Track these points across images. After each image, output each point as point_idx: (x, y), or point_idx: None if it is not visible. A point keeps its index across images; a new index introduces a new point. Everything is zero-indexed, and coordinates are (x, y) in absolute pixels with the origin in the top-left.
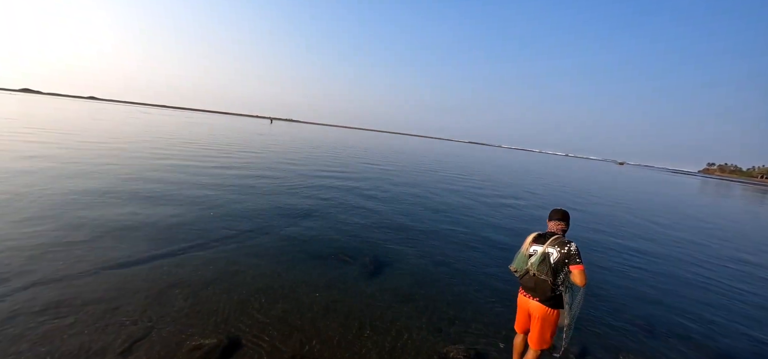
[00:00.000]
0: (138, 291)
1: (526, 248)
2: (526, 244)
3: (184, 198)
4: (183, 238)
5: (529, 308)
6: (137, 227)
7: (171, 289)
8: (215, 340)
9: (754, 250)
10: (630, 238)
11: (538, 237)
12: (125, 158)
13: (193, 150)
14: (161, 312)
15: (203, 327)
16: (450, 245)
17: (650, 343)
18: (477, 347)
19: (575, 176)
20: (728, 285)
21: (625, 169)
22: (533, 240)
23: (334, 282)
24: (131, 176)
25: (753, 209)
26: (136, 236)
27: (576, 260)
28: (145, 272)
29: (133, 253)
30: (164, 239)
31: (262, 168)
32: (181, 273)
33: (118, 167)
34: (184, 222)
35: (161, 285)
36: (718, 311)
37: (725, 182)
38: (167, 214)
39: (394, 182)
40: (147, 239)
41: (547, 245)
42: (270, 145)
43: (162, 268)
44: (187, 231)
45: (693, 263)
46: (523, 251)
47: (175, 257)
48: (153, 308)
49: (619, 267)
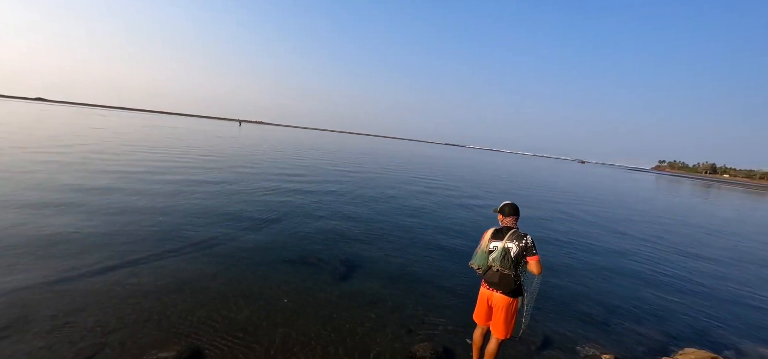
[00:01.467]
0: (89, 305)
1: (485, 244)
2: (485, 241)
3: (134, 206)
4: (137, 247)
5: (492, 300)
6: (84, 238)
7: (125, 301)
8: (174, 352)
9: (697, 244)
10: (591, 236)
11: (496, 233)
12: (72, 164)
13: (141, 155)
14: (116, 326)
15: (162, 339)
16: (419, 245)
17: (607, 328)
18: (445, 344)
19: (546, 175)
20: (675, 274)
21: (586, 167)
22: (492, 236)
23: (303, 286)
24: (81, 184)
25: (710, 209)
26: (82, 247)
27: (533, 251)
28: (97, 284)
29: (81, 265)
30: (117, 249)
31: (225, 172)
32: (137, 283)
33: (65, 173)
34: (137, 231)
35: (115, 297)
36: (666, 298)
37: (676, 178)
38: (119, 223)
39: (363, 185)
40: (96, 249)
41: (506, 240)
42: (234, 148)
43: (115, 279)
44: (142, 240)
45: (645, 257)
46: (482, 248)
47: (129, 268)
48: (106, 322)
49: (577, 262)
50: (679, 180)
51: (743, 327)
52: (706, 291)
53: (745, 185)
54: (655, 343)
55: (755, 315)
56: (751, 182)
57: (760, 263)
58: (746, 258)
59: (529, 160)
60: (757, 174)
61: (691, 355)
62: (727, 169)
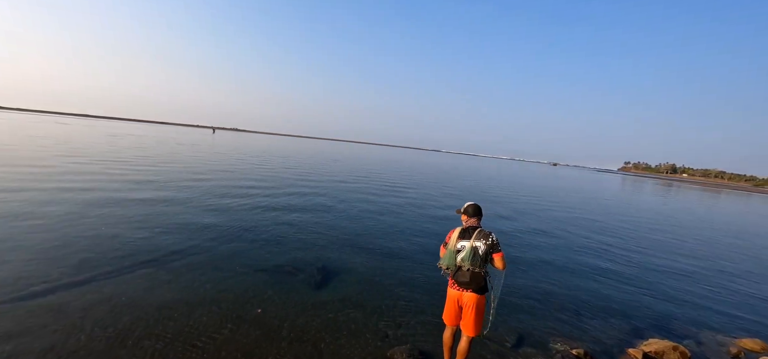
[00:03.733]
0: (44, 326)
1: (453, 244)
2: (453, 241)
3: (94, 217)
4: (97, 262)
5: (463, 300)
6: (39, 252)
7: (83, 321)
8: None
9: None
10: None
11: (463, 233)
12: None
13: (101, 164)
14: (71, 347)
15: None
16: (396, 250)
17: (576, 323)
18: (421, 347)
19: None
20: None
21: (558, 169)
22: (459, 236)
23: (279, 295)
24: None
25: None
26: (35, 263)
27: (498, 248)
28: (50, 303)
29: (30, 284)
30: (73, 264)
31: (194, 181)
32: (97, 301)
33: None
34: (97, 244)
35: (66, 316)
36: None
37: (640, 179)
38: (75, 235)
39: (338, 190)
40: (50, 265)
41: (473, 239)
42: (202, 157)
43: (72, 298)
44: (103, 254)
45: (608, 252)
46: (450, 248)
47: (87, 285)
48: (61, 345)
49: (545, 260)
50: (643, 180)
51: (700, 317)
52: (666, 284)
53: (701, 184)
54: (622, 335)
55: (711, 306)
56: (706, 180)
57: (716, 257)
58: (704, 254)
59: (506, 163)
60: (712, 173)
61: (654, 345)
62: (686, 169)
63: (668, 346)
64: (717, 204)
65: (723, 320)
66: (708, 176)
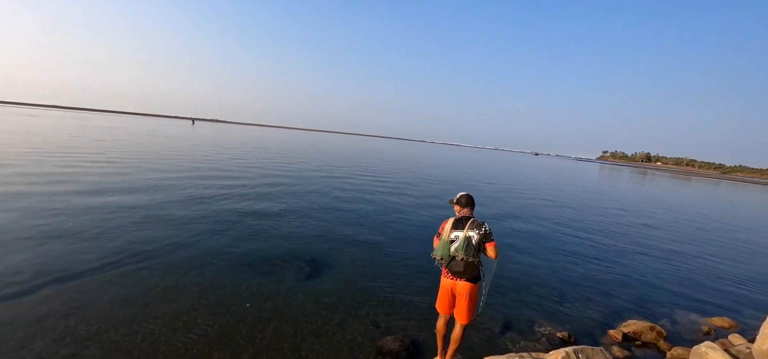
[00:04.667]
0: (26, 325)
1: (446, 235)
2: (446, 231)
3: (73, 210)
4: (82, 259)
5: (456, 289)
6: (15, 250)
7: (68, 319)
8: None
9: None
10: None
11: (456, 223)
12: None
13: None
14: (54, 349)
15: (117, 356)
16: (384, 240)
17: (560, 308)
18: (412, 336)
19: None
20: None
21: (540, 159)
22: (452, 227)
23: (267, 289)
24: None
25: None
26: (15, 261)
27: (491, 238)
28: (34, 302)
29: (13, 282)
30: (56, 262)
31: (170, 174)
32: (81, 299)
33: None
34: (81, 240)
35: (49, 317)
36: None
37: (617, 167)
38: (60, 231)
39: (324, 182)
40: (31, 262)
41: (467, 229)
42: (173, 151)
43: (57, 295)
44: (85, 250)
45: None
46: (444, 239)
47: (71, 282)
48: (42, 346)
49: (529, 248)
50: (620, 169)
51: (675, 298)
52: (641, 268)
53: (673, 172)
54: (603, 317)
55: (682, 288)
56: (677, 168)
57: (684, 240)
58: (676, 238)
59: (489, 153)
60: (683, 161)
61: (633, 326)
62: (660, 157)
63: (646, 326)
64: (686, 191)
65: (694, 301)
66: (680, 165)
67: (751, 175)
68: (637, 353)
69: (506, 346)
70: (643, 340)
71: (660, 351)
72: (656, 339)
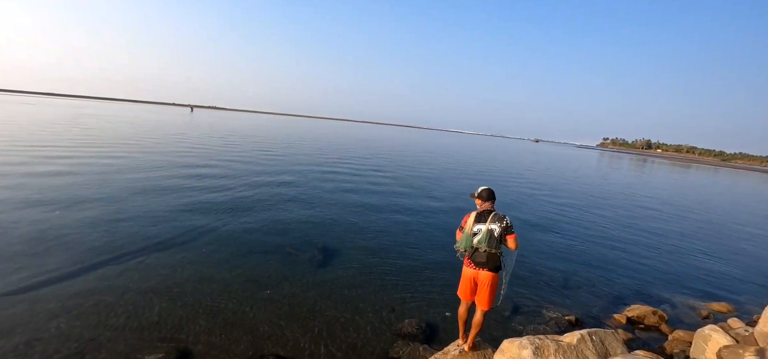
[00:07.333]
0: (57, 315)
1: (469, 228)
2: (469, 225)
3: (90, 200)
4: (103, 249)
5: (479, 278)
6: (44, 240)
7: (99, 306)
8: (162, 354)
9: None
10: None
11: (479, 216)
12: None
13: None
14: (93, 334)
15: (146, 342)
16: (394, 226)
17: (567, 293)
18: (428, 319)
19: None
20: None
21: (541, 145)
22: (475, 220)
23: (283, 276)
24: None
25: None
26: (45, 252)
27: (511, 230)
28: (60, 292)
29: (41, 272)
30: (79, 252)
31: (181, 164)
32: (109, 287)
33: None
34: (101, 232)
35: (82, 304)
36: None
37: (617, 154)
38: (78, 221)
39: (325, 168)
40: (61, 252)
41: (489, 222)
42: (171, 141)
43: (85, 285)
44: (106, 242)
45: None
46: (467, 232)
47: (96, 271)
48: (82, 330)
49: (535, 235)
50: (620, 156)
51: (674, 284)
52: (643, 255)
53: (673, 159)
54: (607, 303)
55: (681, 275)
56: (678, 155)
57: (682, 229)
58: (673, 229)
59: (492, 140)
60: (684, 148)
61: (636, 310)
62: (660, 144)
63: (648, 311)
64: (687, 180)
65: (692, 288)
66: (680, 152)
67: (751, 162)
68: (640, 336)
69: (517, 329)
70: (646, 324)
71: (662, 334)
72: (658, 323)
